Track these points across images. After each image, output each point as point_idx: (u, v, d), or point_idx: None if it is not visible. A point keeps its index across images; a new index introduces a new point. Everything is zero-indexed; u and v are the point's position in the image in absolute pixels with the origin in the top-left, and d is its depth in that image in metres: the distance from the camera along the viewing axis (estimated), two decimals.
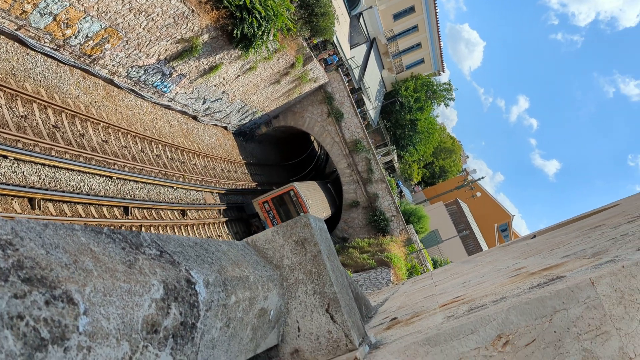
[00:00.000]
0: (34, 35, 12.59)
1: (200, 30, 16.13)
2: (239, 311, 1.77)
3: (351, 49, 39.87)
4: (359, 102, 38.63)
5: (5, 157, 11.02)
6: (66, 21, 12.58)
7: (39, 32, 12.56)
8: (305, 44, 25.15)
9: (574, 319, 2.04)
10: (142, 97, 18.07)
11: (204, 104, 21.76)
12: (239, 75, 21.03)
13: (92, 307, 1.03)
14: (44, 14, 12.06)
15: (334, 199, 33.79)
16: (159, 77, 17.38)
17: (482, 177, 50.10)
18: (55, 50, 13.47)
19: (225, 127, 26.54)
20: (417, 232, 35.39)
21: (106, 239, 1.34)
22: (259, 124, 30.55)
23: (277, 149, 38.04)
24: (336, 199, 34.19)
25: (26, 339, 0.86)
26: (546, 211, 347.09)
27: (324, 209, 28.60)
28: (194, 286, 1.49)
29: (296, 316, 2.34)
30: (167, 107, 20.08)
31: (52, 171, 12.41)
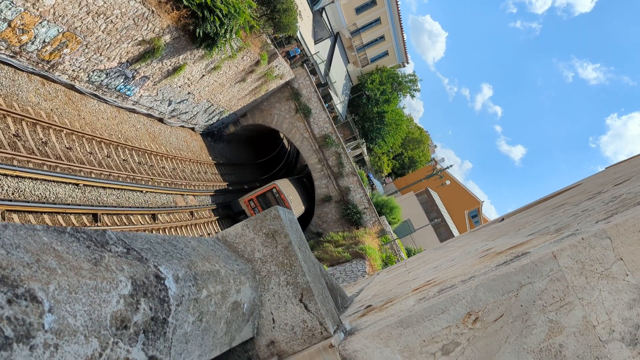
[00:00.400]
0: None
1: (161, 31, 15.86)
2: (211, 305, 1.77)
3: (315, 44, 39.90)
4: (326, 97, 38.74)
5: None
6: (22, 27, 12.19)
7: None
8: (269, 40, 25.04)
9: (539, 292, 2.12)
10: (106, 101, 17.67)
11: (169, 106, 21.43)
12: (204, 75, 20.79)
13: (58, 304, 1.03)
14: None
15: (308, 194, 34.06)
16: (122, 80, 17.02)
17: (451, 166, 50.92)
18: (11, 57, 13.04)
19: (192, 128, 26.22)
20: (390, 223, 35.73)
21: (70, 238, 1.33)
22: (226, 124, 30.29)
23: (247, 148, 37.80)
24: (311, 193, 34.44)
25: None
26: (514, 195, 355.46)
27: (301, 203, 30.07)
28: (163, 281, 1.48)
29: (270, 308, 2.35)
30: (132, 111, 19.70)
31: (15, 181, 12.05)
